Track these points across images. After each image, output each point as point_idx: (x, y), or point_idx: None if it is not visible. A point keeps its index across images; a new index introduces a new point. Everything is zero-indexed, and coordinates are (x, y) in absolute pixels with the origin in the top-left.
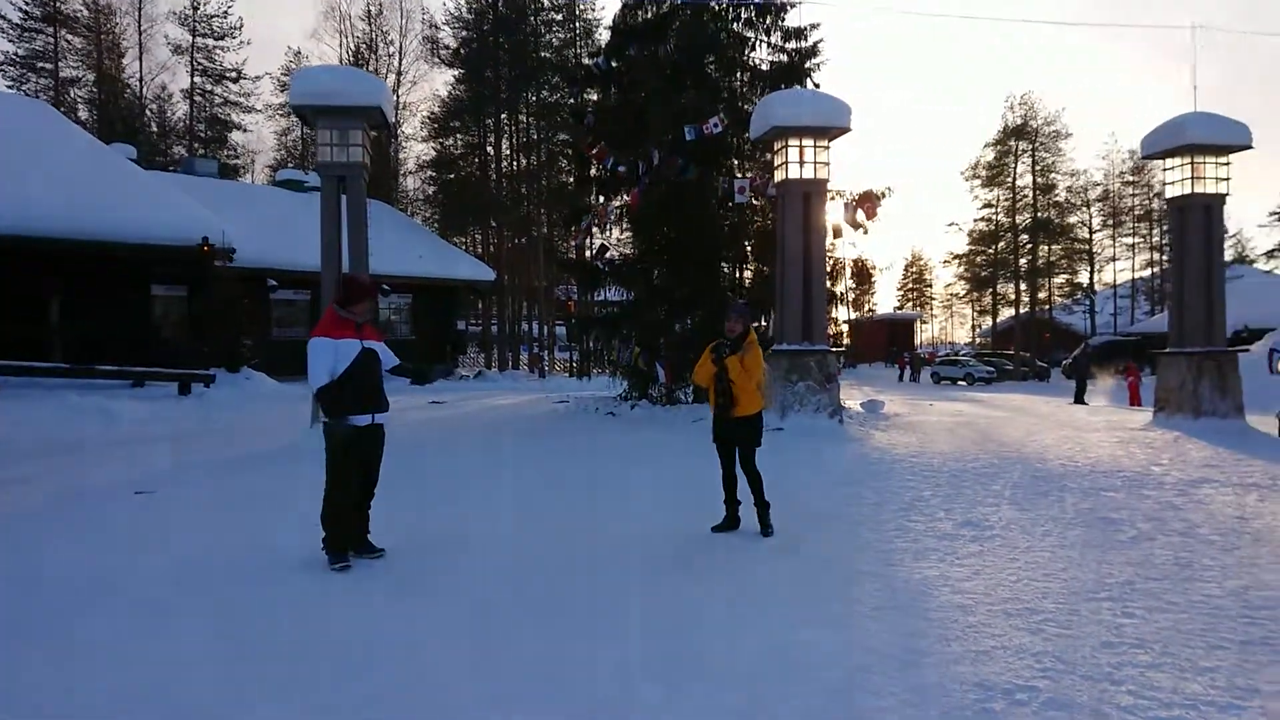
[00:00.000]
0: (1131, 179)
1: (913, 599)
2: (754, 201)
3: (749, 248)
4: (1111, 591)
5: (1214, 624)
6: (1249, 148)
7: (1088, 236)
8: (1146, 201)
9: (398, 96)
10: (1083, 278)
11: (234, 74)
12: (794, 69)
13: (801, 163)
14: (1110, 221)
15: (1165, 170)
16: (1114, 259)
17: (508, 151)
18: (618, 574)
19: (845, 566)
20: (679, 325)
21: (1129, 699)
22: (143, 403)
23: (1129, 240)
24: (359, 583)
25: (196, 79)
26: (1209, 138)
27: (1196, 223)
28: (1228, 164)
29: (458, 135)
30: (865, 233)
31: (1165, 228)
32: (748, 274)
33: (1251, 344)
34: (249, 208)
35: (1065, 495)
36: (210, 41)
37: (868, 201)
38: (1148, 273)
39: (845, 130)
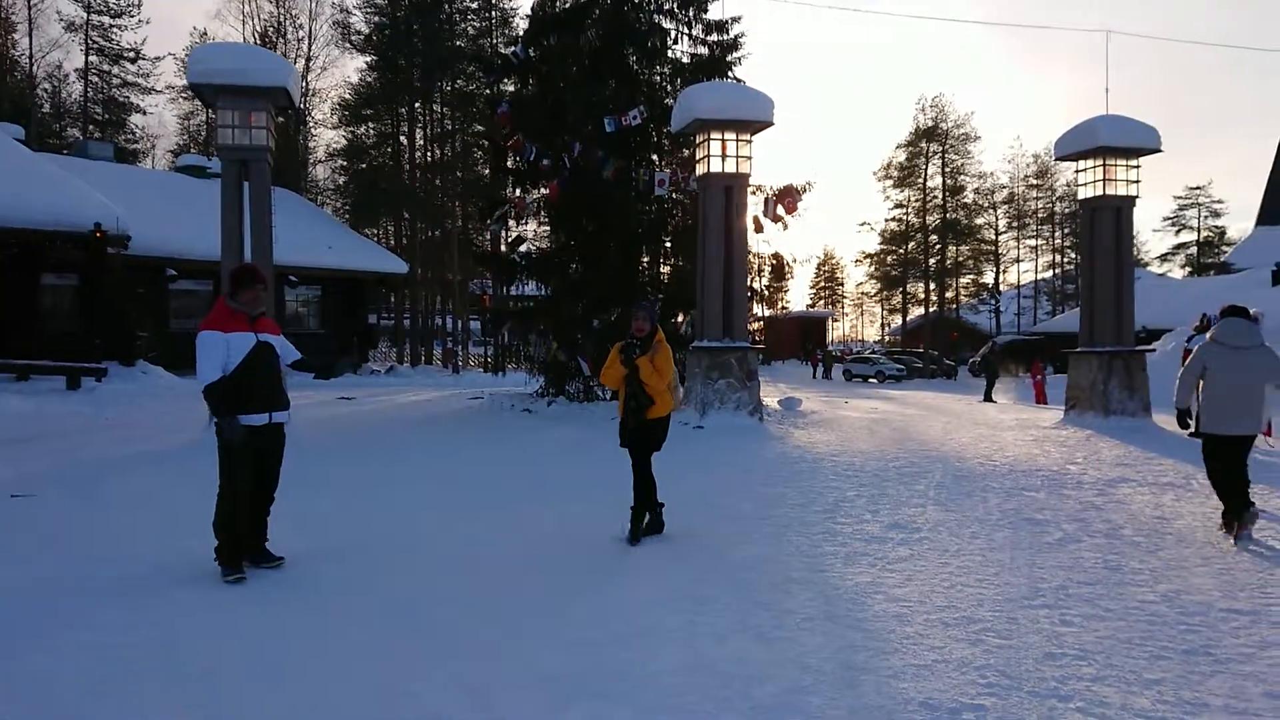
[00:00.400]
0: (1036, 182)
1: (847, 608)
2: (674, 195)
3: (668, 243)
4: (1046, 598)
5: (1152, 631)
6: (1158, 151)
7: (994, 238)
8: (1049, 204)
9: (306, 83)
10: (988, 278)
11: (132, 54)
12: (716, 62)
13: (723, 156)
14: (1015, 223)
15: (1078, 172)
16: (1018, 260)
17: (421, 142)
18: (533, 583)
19: (774, 573)
20: (598, 320)
21: (1078, 716)
22: (27, 398)
23: (1032, 242)
24: (255, 596)
25: (92, 58)
26: (1120, 140)
27: (1107, 224)
28: (1137, 167)
29: (369, 124)
30: (785, 228)
31: (1066, 230)
32: (666, 269)
33: (1150, 344)
34: (147, 194)
35: (988, 495)
36: (106, 19)
37: (788, 196)
38: (1049, 274)
39: (768, 124)
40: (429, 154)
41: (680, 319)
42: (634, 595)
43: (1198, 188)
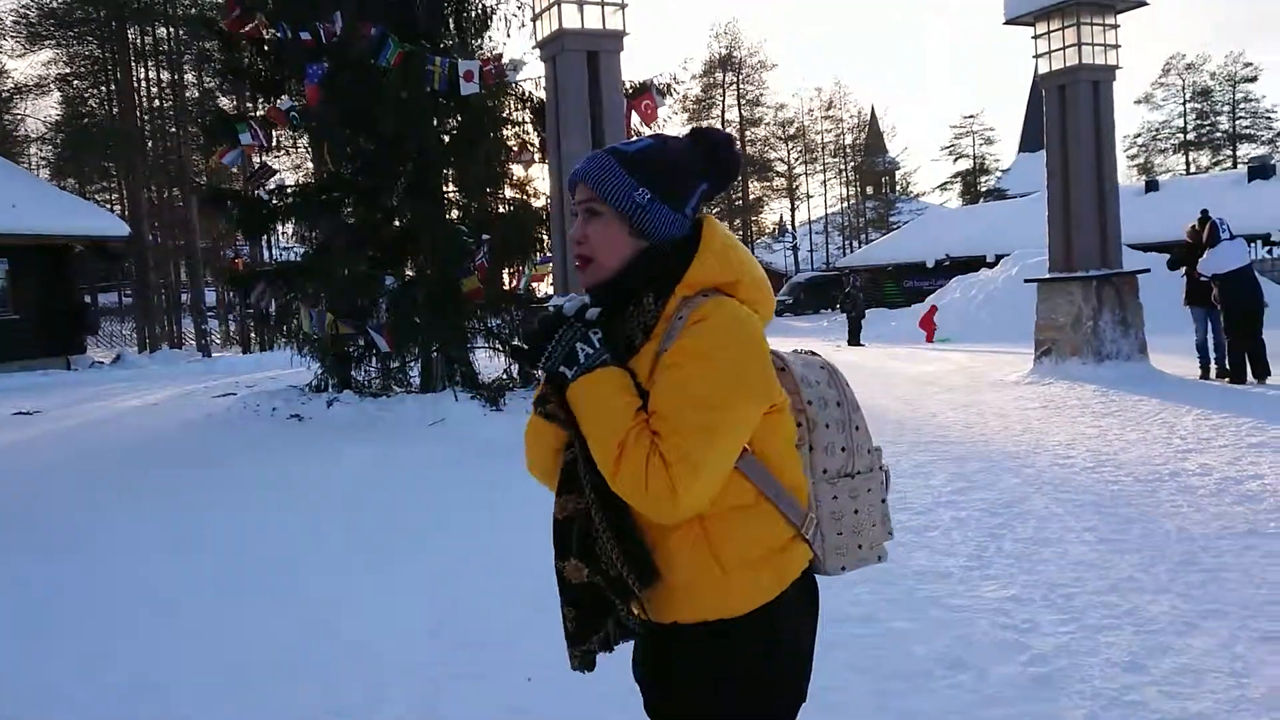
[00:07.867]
0: (825, 114)
1: None
2: (486, 90)
3: (495, 164)
4: None
5: None
6: (1143, 3)
7: (787, 172)
8: (838, 136)
9: None
10: (776, 216)
11: None
12: None
13: (581, 3)
14: (804, 157)
15: (1037, 37)
16: (809, 196)
17: (143, 81)
18: None
19: None
20: (391, 277)
21: None
22: None
23: (820, 176)
24: None
25: None
26: None
27: (1082, 105)
28: (1116, 26)
29: (71, 47)
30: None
31: (854, 164)
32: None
33: (953, 275)
34: None
35: (1196, 550)
36: None
37: (645, 98)
38: (839, 207)
39: None
40: (154, 97)
41: (510, 276)
42: None
43: (971, 116)
